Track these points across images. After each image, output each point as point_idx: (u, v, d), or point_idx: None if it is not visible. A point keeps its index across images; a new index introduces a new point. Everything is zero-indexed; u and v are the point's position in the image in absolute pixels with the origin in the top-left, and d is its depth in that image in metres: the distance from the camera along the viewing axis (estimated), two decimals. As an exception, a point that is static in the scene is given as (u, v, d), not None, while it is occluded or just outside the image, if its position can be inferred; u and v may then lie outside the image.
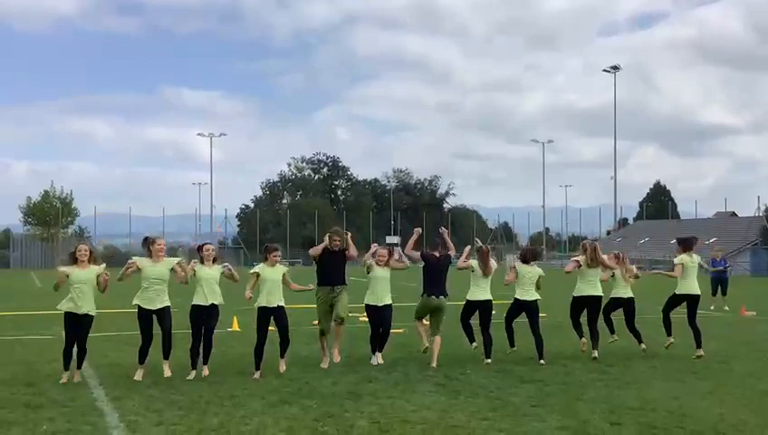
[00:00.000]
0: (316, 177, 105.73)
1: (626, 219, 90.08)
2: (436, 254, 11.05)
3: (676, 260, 11.94)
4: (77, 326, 9.70)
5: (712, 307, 20.68)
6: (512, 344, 11.38)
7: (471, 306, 11.15)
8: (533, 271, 11.32)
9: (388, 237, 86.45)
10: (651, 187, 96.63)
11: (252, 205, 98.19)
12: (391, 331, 14.45)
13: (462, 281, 11.56)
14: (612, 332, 11.92)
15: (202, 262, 10.13)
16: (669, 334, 11.81)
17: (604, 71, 68.10)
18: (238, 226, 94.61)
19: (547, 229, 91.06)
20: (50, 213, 74.63)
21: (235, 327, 14.92)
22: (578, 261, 11.51)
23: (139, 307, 9.85)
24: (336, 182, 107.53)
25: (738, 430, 7.04)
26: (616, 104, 67.89)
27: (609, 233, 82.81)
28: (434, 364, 10.47)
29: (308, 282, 10.94)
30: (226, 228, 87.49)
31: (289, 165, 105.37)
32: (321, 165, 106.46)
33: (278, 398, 8.33)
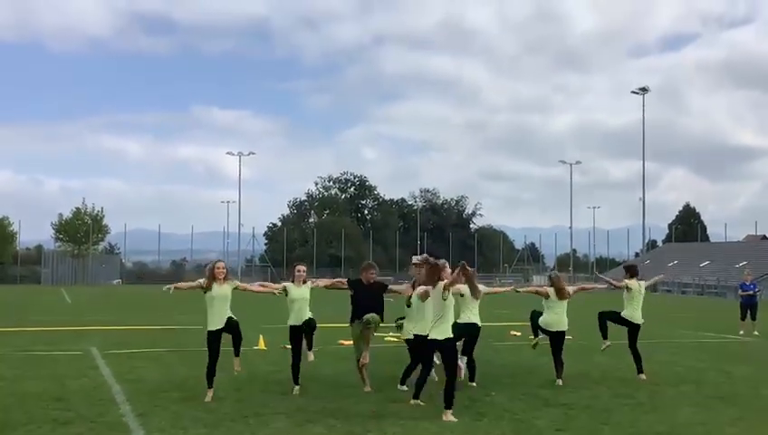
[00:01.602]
0: (343, 196, 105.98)
1: (654, 241, 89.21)
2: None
3: (625, 281, 12.05)
4: (221, 343, 9.77)
5: (741, 332, 20.40)
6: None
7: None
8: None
9: (414, 257, 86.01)
10: (680, 209, 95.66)
11: (279, 223, 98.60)
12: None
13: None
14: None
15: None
16: (605, 337, 11.73)
17: (633, 92, 67.69)
18: (266, 244, 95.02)
19: (574, 251, 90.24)
20: (81, 230, 75.52)
21: (261, 346, 14.99)
22: (546, 292, 11.22)
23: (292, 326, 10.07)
24: (363, 202, 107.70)
25: (766, 457, 6.94)
26: (645, 126, 67.21)
27: (637, 255, 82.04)
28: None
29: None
30: (254, 246, 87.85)
31: (316, 184, 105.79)
32: (349, 184, 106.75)
33: (303, 417, 8.36)
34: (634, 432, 7.84)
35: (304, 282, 10.23)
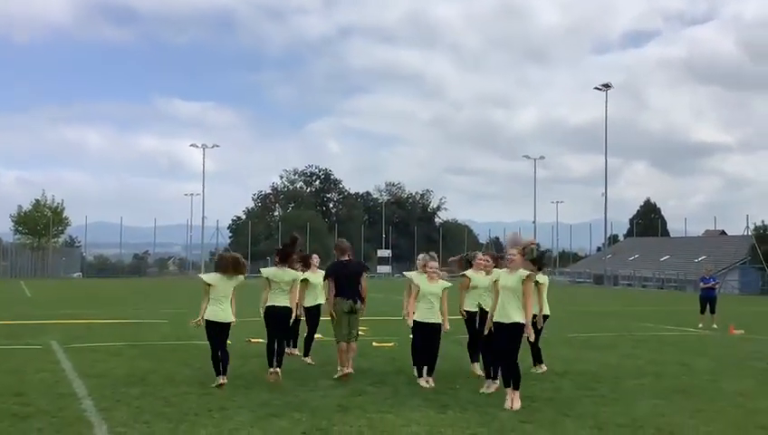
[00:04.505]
0: (308, 189, 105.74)
1: (616, 236, 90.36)
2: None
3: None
4: (219, 333, 9.92)
5: (700, 325, 20.78)
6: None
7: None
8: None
9: (379, 251, 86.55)
10: (641, 204, 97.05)
11: (243, 216, 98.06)
12: (383, 344, 14.48)
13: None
14: None
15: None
16: (541, 361, 11.49)
17: (596, 89, 68.40)
18: (230, 237, 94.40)
19: (538, 245, 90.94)
20: (41, 222, 74.36)
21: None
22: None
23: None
24: (328, 195, 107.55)
25: (724, 448, 7.07)
26: (607, 122, 68.04)
27: (599, 249, 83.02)
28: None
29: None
30: (218, 239, 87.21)
31: (281, 177, 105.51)
32: (314, 177, 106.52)
33: (267, 411, 8.32)
34: (595, 424, 7.93)
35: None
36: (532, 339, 9.29)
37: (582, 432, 7.56)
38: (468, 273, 10.89)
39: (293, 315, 10.57)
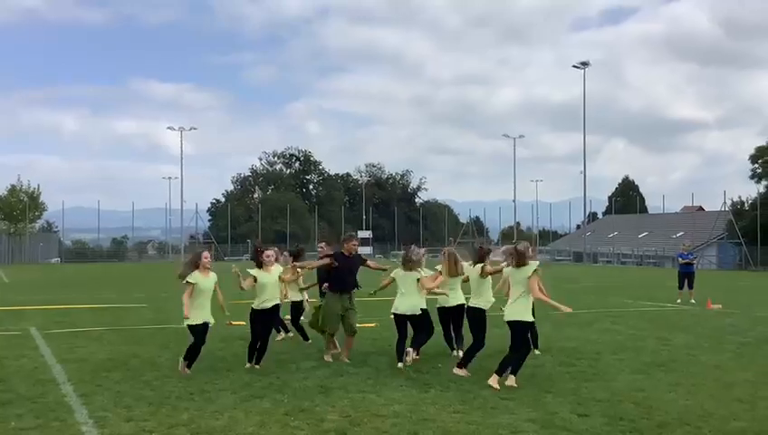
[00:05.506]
0: (288, 171, 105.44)
1: (595, 214, 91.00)
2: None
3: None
4: (202, 334, 9.56)
5: (678, 300, 20.99)
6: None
7: (441, 312, 10.88)
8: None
9: (360, 232, 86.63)
10: (620, 181, 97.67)
11: (223, 199, 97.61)
12: (364, 325, 14.51)
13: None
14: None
15: (260, 266, 10.07)
16: (453, 348, 11.00)
17: (574, 66, 68.49)
18: (209, 220, 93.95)
19: (518, 224, 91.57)
20: (17, 207, 73.63)
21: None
22: (440, 272, 10.51)
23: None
24: (308, 177, 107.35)
25: (703, 420, 7.16)
26: (585, 100, 68.20)
27: (578, 227, 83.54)
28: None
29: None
30: (197, 223, 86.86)
31: (260, 159, 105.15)
32: (293, 159, 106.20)
33: (249, 393, 8.31)
34: (576, 400, 8.00)
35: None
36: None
37: (563, 408, 7.62)
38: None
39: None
